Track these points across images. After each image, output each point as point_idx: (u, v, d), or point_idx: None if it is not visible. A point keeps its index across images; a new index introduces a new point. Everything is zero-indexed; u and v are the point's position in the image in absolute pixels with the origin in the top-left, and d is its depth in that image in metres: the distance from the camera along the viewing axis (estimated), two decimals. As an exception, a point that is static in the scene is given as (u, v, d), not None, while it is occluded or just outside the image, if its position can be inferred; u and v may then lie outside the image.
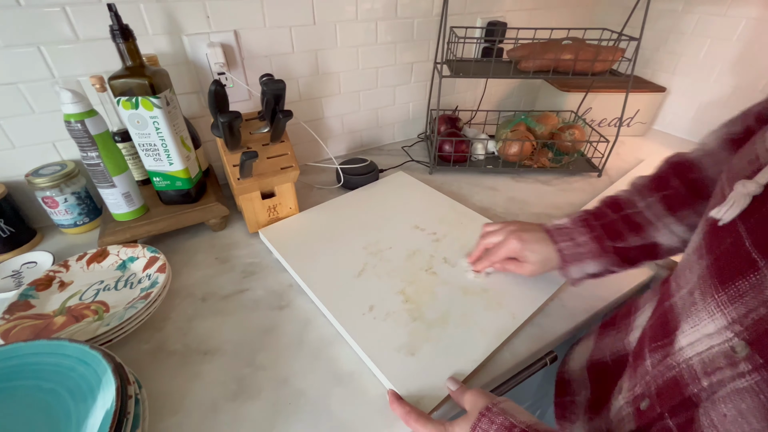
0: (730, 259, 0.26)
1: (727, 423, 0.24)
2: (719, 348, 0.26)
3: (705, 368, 0.27)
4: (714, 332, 0.26)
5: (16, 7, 0.55)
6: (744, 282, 0.24)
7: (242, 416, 0.41)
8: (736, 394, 0.24)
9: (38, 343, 0.39)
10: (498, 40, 0.91)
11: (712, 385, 0.26)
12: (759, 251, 0.24)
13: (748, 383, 0.24)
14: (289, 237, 0.63)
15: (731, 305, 0.25)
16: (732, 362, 0.25)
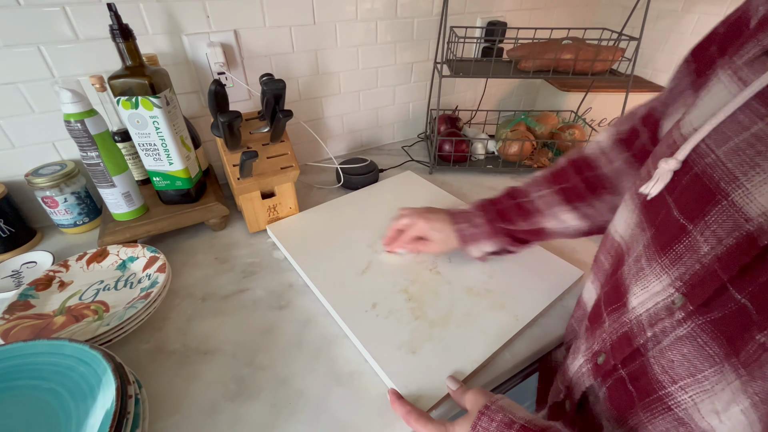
0: (666, 228, 0.30)
1: (676, 367, 0.28)
2: (663, 303, 0.29)
3: (650, 320, 0.30)
4: (660, 290, 0.30)
5: (16, 7, 0.55)
6: (680, 245, 0.28)
7: (242, 416, 0.41)
8: (678, 341, 0.28)
9: (38, 343, 0.39)
10: (498, 40, 0.91)
11: (656, 334, 0.30)
12: (685, 217, 0.28)
13: (685, 330, 0.27)
14: (293, 235, 0.64)
15: (673, 266, 0.28)
16: (670, 312, 0.28)
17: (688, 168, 0.29)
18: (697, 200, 0.27)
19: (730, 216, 0.25)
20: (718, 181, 0.26)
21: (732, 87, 0.28)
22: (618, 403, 0.34)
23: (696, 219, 0.27)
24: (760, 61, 0.26)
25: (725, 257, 0.25)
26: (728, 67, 0.29)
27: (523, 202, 0.51)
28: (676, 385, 0.28)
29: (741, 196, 0.24)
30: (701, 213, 0.27)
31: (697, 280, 0.27)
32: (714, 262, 0.26)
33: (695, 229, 0.27)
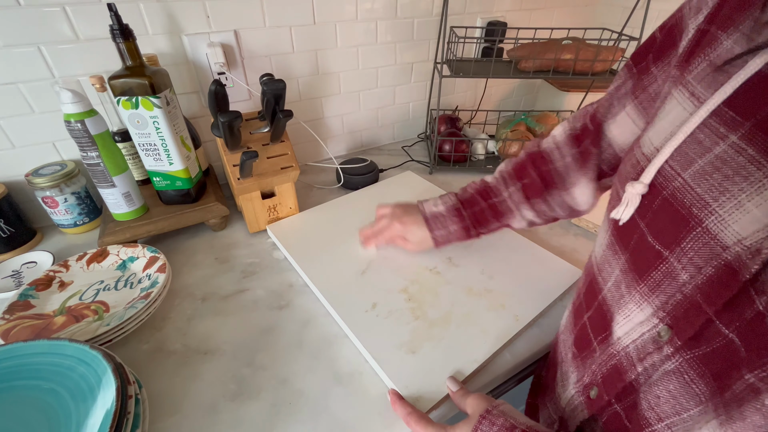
0: (641, 253, 0.29)
1: (662, 404, 0.27)
2: (648, 334, 0.28)
3: (639, 354, 0.29)
4: (644, 320, 0.29)
5: (16, 7, 0.55)
6: (657, 272, 0.27)
7: (242, 416, 0.41)
8: (665, 376, 0.27)
9: (38, 343, 0.39)
10: (498, 40, 0.91)
11: (647, 369, 0.29)
12: (660, 243, 0.27)
13: (674, 365, 0.27)
14: (293, 234, 0.64)
15: (653, 294, 0.28)
16: (658, 346, 0.28)
17: (657, 191, 0.28)
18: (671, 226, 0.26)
19: (706, 243, 0.24)
20: (689, 206, 0.25)
21: (687, 104, 0.27)
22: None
23: (671, 245, 0.26)
24: (711, 77, 0.26)
25: (707, 288, 0.24)
26: (680, 83, 0.28)
27: (496, 202, 0.52)
28: (662, 423, 0.27)
29: (715, 222, 0.24)
30: (676, 239, 0.26)
31: (681, 312, 0.26)
32: (696, 293, 0.25)
33: (671, 255, 0.26)
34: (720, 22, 0.27)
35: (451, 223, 0.54)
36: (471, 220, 0.53)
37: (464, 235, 0.54)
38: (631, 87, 0.38)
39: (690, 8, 0.31)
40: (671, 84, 0.30)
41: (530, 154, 0.51)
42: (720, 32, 0.26)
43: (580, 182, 0.46)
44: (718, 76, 0.25)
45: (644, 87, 0.36)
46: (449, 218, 0.54)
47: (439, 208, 0.55)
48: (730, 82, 0.24)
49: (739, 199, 0.23)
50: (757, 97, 0.23)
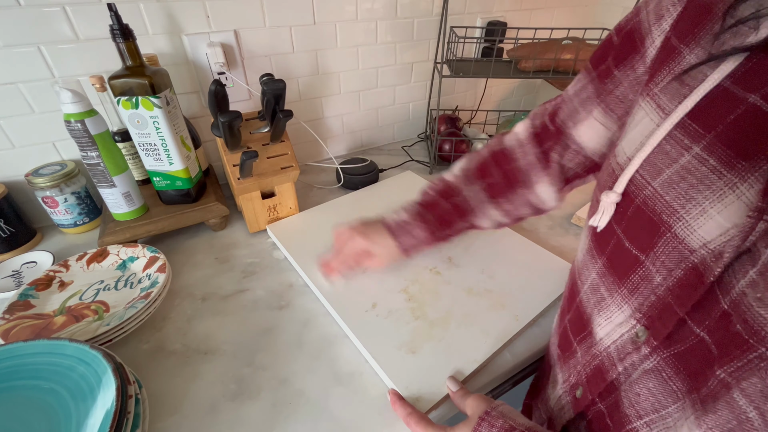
0: (619, 258, 0.30)
1: (642, 401, 0.28)
2: (627, 335, 0.30)
3: (619, 354, 0.30)
4: (623, 321, 0.30)
5: (16, 7, 0.55)
6: (635, 275, 0.28)
7: (242, 416, 0.41)
8: (644, 375, 0.28)
9: (38, 343, 0.39)
10: (498, 40, 0.91)
11: (627, 369, 0.30)
12: (636, 248, 0.28)
13: (652, 364, 0.28)
14: (293, 234, 0.64)
15: (632, 296, 0.29)
16: (637, 346, 0.29)
17: (629, 200, 0.29)
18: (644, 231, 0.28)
19: (675, 247, 0.25)
20: (660, 213, 0.26)
21: (653, 116, 0.28)
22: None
23: (647, 249, 0.27)
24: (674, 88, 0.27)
25: (677, 290, 0.26)
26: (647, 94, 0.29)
27: (458, 201, 0.50)
28: (642, 420, 0.28)
29: (682, 228, 0.25)
30: (650, 244, 0.27)
31: (656, 313, 0.27)
32: (668, 295, 0.26)
33: (647, 259, 0.27)
34: (681, 36, 0.27)
35: (416, 228, 0.50)
36: (436, 223, 0.50)
37: (431, 239, 0.51)
38: (593, 91, 0.38)
39: (648, 13, 0.31)
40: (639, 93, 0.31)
41: (493, 153, 0.50)
42: (682, 46, 0.27)
43: (543, 181, 0.46)
44: (680, 89, 0.26)
45: (609, 91, 0.36)
46: (414, 224, 0.50)
47: (401, 216, 0.51)
48: (692, 96, 0.25)
49: (704, 206, 0.24)
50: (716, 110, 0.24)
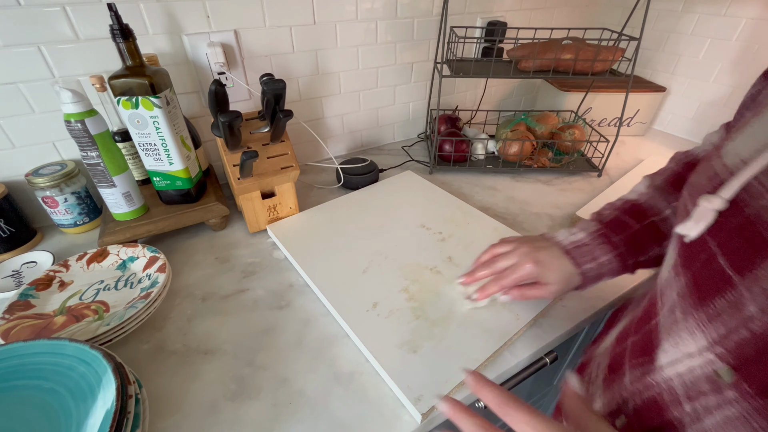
0: (706, 277, 0.25)
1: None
2: (701, 371, 0.25)
3: (687, 391, 0.26)
4: (695, 352, 0.25)
5: (16, 6, 0.55)
6: (721, 300, 0.24)
7: (242, 416, 0.41)
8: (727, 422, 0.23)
9: (38, 343, 0.39)
10: (498, 40, 0.91)
11: (697, 410, 0.25)
12: (733, 268, 0.24)
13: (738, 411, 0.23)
14: (294, 234, 0.64)
15: (711, 324, 0.24)
16: (716, 388, 0.24)
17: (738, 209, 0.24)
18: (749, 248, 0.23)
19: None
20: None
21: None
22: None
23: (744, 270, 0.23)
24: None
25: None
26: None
27: (657, 221, 0.42)
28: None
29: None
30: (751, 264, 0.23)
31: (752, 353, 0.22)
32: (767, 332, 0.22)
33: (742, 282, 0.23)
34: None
35: (601, 252, 0.42)
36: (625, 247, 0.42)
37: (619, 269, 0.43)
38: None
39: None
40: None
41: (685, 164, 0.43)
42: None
43: None
44: None
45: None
46: (596, 246, 0.43)
47: (578, 237, 0.44)
48: None
49: None
50: None
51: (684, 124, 1.05)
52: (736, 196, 0.24)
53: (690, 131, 1.05)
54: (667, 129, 1.10)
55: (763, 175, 0.23)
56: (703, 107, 1.00)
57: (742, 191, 0.24)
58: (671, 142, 1.04)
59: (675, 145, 1.03)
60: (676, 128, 1.08)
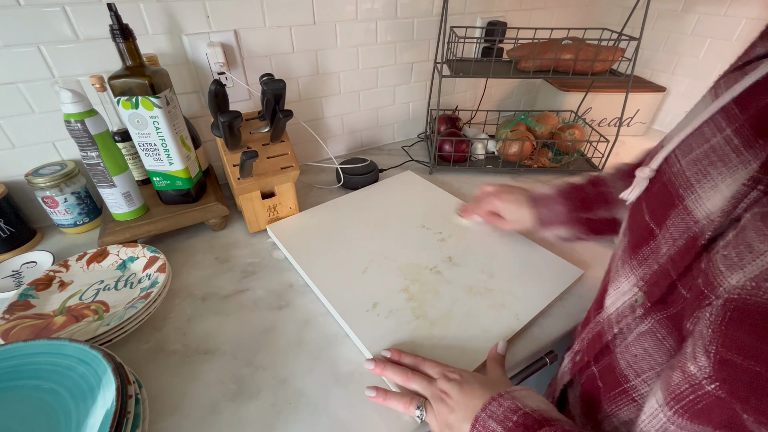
0: (639, 231, 0.32)
1: (639, 361, 0.31)
2: (628, 301, 0.32)
3: (617, 318, 0.33)
4: (627, 290, 0.32)
5: (16, 7, 0.55)
6: (647, 248, 0.31)
7: (242, 416, 0.41)
8: (640, 336, 0.31)
9: (38, 343, 0.39)
10: (498, 40, 0.91)
11: (622, 331, 0.32)
12: (654, 221, 0.30)
13: (647, 326, 0.30)
14: (294, 234, 0.64)
15: (640, 267, 0.31)
16: (633, 310, 0.31)
17: (659, 176, 0.31)
18: (662, 205, 0.29)
19: (683, 219, 0.27)
20: (678, 187, 0.28)
21: (707, 100, 0.29)
22: (588, 397, 0.37)
23: (660, 223, 0.29)
24: (734, 77, 0.28)
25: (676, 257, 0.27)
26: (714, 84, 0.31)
27: (605, 191, 0.52)
28: (639, 378, 0.31)
29: (693, 201, 0.27)
30: (664, 217, 0.29)
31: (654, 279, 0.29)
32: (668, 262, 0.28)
33: (660, 232, 0.29)
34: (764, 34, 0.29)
35: (556, 203, 0.54)
36: (576, 203, 0.53)
37: (569, 219, 0.53)
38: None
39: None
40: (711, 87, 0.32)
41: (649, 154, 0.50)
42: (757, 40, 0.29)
43: None
44: (738, 77, 0.27)
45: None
46: (555, 199, 0.54)
47: (546, 191, 0.56)
48: (742, 82, 0.26)
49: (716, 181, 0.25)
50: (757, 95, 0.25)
51: (684, 124, 1.05)
52: (659, 166, 0.31)
53: (690, 131, 1.05)
54: (667, 129, 1.10)
55: (678, 149, 0.30)
56: (703, 107, 1.00)
57: (663, 162, 0.31)
58: (671, 142, 1.04)
59: (675, 145, 1.02)
60: (676, 128, 1.07)
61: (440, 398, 0.38)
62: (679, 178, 0.28)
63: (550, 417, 0.33)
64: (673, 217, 0.28)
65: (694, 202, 0.26)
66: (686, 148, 0.29)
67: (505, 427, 0.33)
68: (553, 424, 0.32)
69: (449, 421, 0.36)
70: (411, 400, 0.39)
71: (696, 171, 0.27)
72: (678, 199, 0.28)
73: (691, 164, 0.28)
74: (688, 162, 0.28)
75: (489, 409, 0.34)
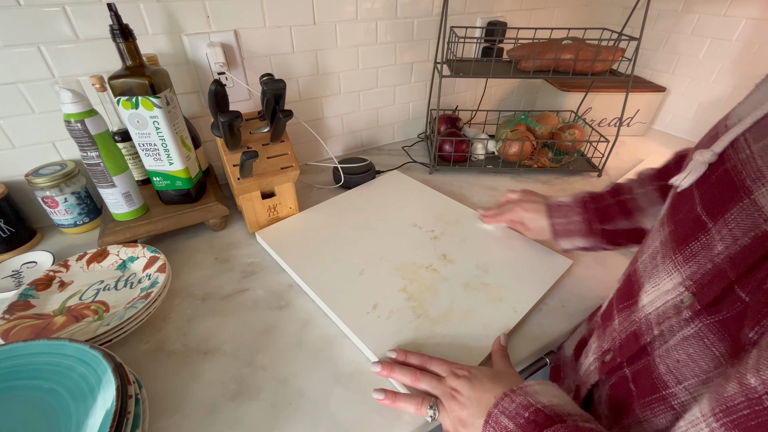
0: (686, 223, 0.29)
1: (681, 367, 0.28)
2: (672, 302, 0.29)
3: (658, 319, 0.30)
4: (670, 289, 0.29)
5: (16, 7, 0.55)
6: (696, 243, 0.27)
7: (242, 416, 0.41)
8: (684, 340, 0.28)
9: (38, 343, 0.39)
10: (498, 40, 0.91)
11: (663, 333, 0.29)
12: (707, 214, 0.27)
13: (693, 330, 0.27)
14: (289, 238, 0.63)
15: (686, 264, 0.28)
16: (678, 311, 0.28)
17: (722, 162, 0.27)
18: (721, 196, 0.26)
19: (750, 215, 0.24)
20: (744, 178, 0.25)
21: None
22: (617, 401, 0.34)
23: (717, 216, 0.26)
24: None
25: (738, 257, 0.24)
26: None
27: (625, 199, 0.49)
28: (681, 385, 0.28)
29: (764, 195, 0.23)
30: (722, 210, 0.26)
31: (707, 280, 0.26)
32: (726, 262, 0.25)
33: (714, 227, 0.26)
34: None
35: (573, 213, 0.52)
36: (594, 213, 0.51)
37: (586, 230, 0.51)
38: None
39: None
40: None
41: (678, 156, 0.48)
42: None
43: None
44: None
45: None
46: (572, 209, 0.52)
47: (564, 199, 0.55)
48: None
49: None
50: None
51: (684, 124, 1.05)
52: (724, 150, 0.27)
53: (690, 131, 1.05)
54: (667, 129, 1.10)
55: (748, 132, 0.26)
56: (703, 107, 1.00)
57: (729, 146, 0.27)
58: (671, 142, 1.04)
59: (675, 145, 1.02)
60: (676, 128, 1.08)
61: (451, 396, 0.38)
62: (747, 166, 0.25)
63: (562, 412, 0.32)
64: (735, 211, 0.25)
65: (766, 196, 0.23)
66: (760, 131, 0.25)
67: (517, 423, 0.32)
68: (564, 419, 0.31)
69: (462, 417, 0.36)
70: (423, 401, 0.39)
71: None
72: (744, 192, 0.24)
73: (764, 151, 0.24)
74: (762, 148, 0.24)
75: (501, 405, 0.34)
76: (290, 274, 0.58)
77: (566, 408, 0.33)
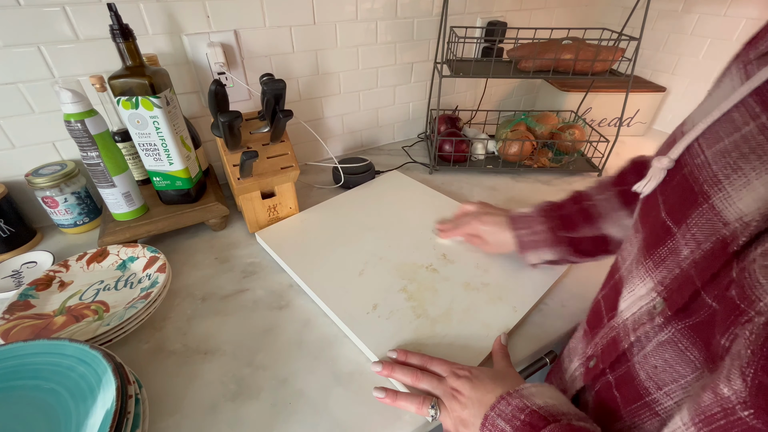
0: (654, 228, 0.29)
1: (660, 373, 0.28)
2: (645, 307, 0.29)
3: (634, 325, 0.30)
4: (644, 294, 0.30)
5: (16, 7, 0.55)
6: (664, 248, 0.28)
7: (242, 416, 0.41)
8: (660, 346, 0.28)
9: (38, 343, 0.39)
10: (498, 40, 0.91)
11: (639, 339, 0.30)
12: (671, 219, 0.28)
13: (667, 336, 0.28)
14: (289, 238, 0.63)
15: (656, 269, 0.29)
16: (651, 317, 0.29)
17: (679, 168, 0.28)
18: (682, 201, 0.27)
19: (709, 220, 0.24)
20: (702, 183, 0.25)
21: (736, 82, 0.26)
22: (603, 407, 0.34)
23: (680, 221, 0.27)
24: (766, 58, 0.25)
25: (701, 262, 0.25)
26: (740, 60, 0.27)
27: (587, 205, 0.49)
28: (661, 391, 0.28)
29: (721, 199, 0.24)
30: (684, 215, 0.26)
31: (676, 285, 0.27)
32: (691, 267, 0.26)
33: (679, 231, 0.27)
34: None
35: (536, 223, 0.51)
36: (558, 221, 0.50)
37: (552, 239, 0.50)
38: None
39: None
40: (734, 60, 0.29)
41: (634, 162, 0.49)
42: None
43: None
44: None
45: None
46: (535, 218, 0.51)
47: (526, 210, 0.54)
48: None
49: (749, 177, 0.23)
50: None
51: (684, 124, 1.05)
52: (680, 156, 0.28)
53: (690, 131, 1.05)
54: (667, 129, 1.10)
55: (702, 137, 0.27)
56: (703, 107, 1.00)
57: (685, 152, 0.28)
58: (671, 142, 1.04)
59: (675, 145, 1.02)
60: (676, 128, 1.07)
61: (452, 396, 0.38)
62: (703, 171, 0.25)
63: (557, 412, 0.32)
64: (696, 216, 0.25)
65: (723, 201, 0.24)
66: (712, 136, 0.26)
67: (513, 426, 0.32)
68: (559, 419, 0.31)
69: (463, 417, 0.36)
70: (424, 400, 0.39)
71: (724, 165, 0.24)
72: (702, 197, 0.25)
73: (718, 156, 0.25)
74: (715, 153, 0.25)
75: (498, 407, 0.34)
76: (290, 274, 0.58)
77: (561, 408, 0.33)
